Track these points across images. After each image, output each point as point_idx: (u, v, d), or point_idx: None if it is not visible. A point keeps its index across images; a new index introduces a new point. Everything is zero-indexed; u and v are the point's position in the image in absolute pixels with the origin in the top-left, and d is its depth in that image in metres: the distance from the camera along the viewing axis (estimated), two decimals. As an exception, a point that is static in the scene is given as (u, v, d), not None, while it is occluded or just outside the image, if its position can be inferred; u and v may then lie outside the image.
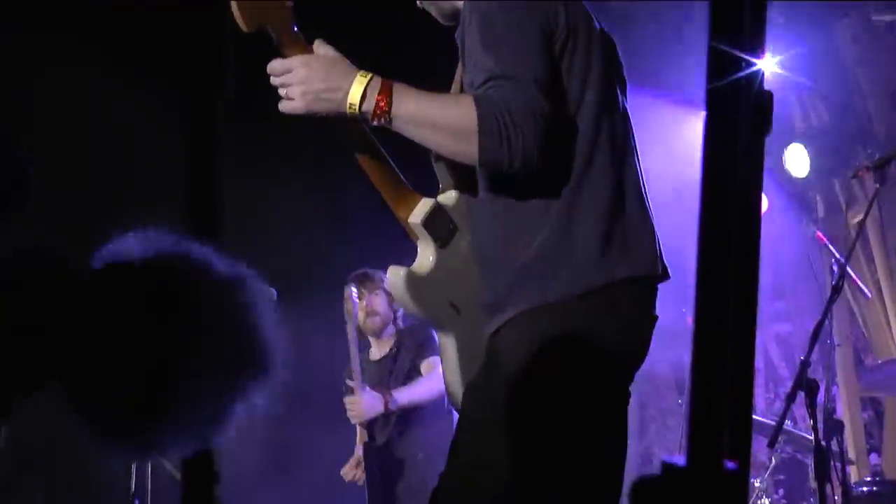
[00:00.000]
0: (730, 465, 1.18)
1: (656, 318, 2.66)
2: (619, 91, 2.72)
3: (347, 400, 5.46)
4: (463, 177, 2.71)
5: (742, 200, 1.20)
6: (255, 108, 2.70)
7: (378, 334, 5.80)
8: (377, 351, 5.84)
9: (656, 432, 9.00)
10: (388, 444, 5.53)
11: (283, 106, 2.59)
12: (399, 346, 5.74)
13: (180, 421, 1.13)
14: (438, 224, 2.77)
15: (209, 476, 1.35)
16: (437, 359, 5.53)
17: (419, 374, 5.66)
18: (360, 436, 5.61)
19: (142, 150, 5.89)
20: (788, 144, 7.49)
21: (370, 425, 5.53)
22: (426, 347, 5.63)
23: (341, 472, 5.70)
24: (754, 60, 1.23)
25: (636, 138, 2.76)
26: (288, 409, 1.44)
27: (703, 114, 1.14)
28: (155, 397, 1.10)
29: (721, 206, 1.14)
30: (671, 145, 7.26)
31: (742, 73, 1.18)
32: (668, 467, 1.16)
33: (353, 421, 5.47)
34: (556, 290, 2.53)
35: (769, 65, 6.65)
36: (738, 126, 1.17)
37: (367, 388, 5.48)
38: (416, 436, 5.52)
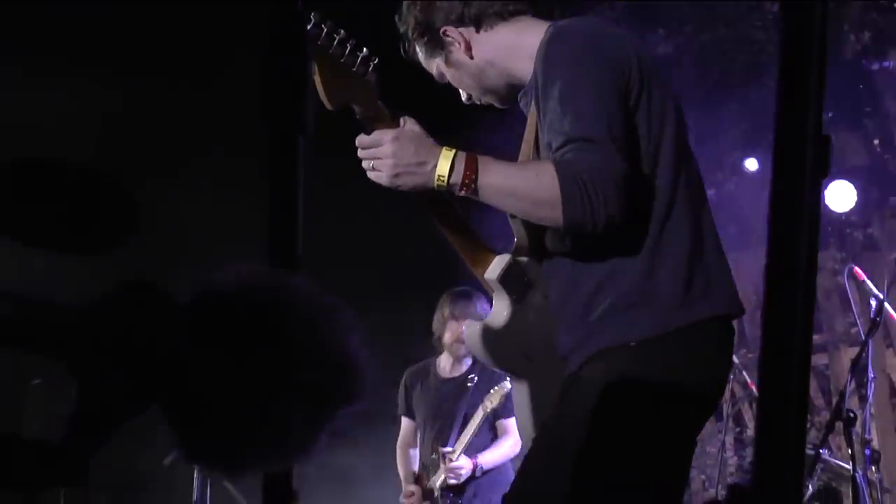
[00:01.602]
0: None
1: (733, 362, 2.62)
2: (687, 135, 2.71)
3: (449, 467, 5.42)
4: (539, 233, 2.70)
5: (806, 236, 1.20)
6: (335, 143, 2.71)
7: (460, 359, 5.77)
8: (449, 368, 5.80)
9: (696, 457, 8.91)
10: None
11: (370, 176, 2.61)
12: (476, 375, 5.67)
13: (275, 441, 1.14)
14: (513, 279, 2.75)
15: (287, 495, 1.36)
16: (514, 420, 5.56)
17: (493, 429, 5.61)
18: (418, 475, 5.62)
19: (227, 186, 5.96)
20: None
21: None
22: (504, 406, 5.59)
23: (402, 498, 5.69)
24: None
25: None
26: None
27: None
28: (252, 419, 1.12)
29: (788, 243, 1.15)
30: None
31: (807, 119, 1.18)
32: (734, 489, 1.16)
33: (451, 482, 5.43)
34: (636, 332, 2.51)
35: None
36: (804, 168, 1.17)
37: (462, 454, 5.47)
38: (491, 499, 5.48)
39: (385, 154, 2.56)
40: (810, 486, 5.82)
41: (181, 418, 1.16)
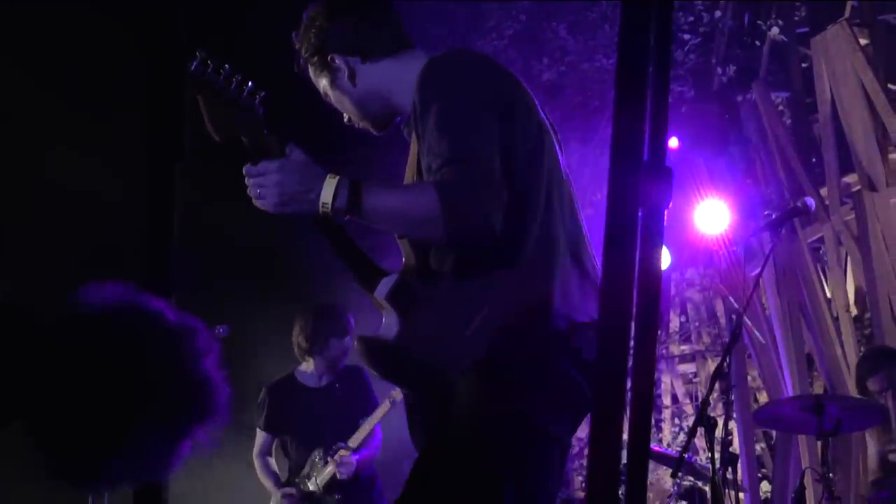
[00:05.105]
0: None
1: None
2: (560, 155, 2.74)
3: (342, 461, 5.35)
4: (425, 251, 2.71)
5: (643, 267, 1.22)
6: (210, 166, 2.68)
7: (334, 367, 5.72)
8: (315, 378, 5.72)
9: (576, 458, 9.02)
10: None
11: (256, 204, 2.59)
12: (338, 380, 5.62)
13: (133, 458, 1.13)
14: (402, 296, 2.74)
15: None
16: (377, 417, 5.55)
17: (356, 425, 5.58)
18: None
19: (102, 208, 5.85)
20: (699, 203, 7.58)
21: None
22: (367, 403, 5.59)
23: (281, 499, 5.63)
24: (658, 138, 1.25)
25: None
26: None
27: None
28: (111, 436, 1.10)
29: (621, 271, 1.16)
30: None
31: (645, 153, 1.19)
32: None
33: (343, 477, 5.38)
34: (510, 342, 2.51)
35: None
36: (639, 201, 1.18)
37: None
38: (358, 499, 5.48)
39: (270, 183, 2.54)
40: (677, 486, 5.92)
41: (44, 437, 1.14)
